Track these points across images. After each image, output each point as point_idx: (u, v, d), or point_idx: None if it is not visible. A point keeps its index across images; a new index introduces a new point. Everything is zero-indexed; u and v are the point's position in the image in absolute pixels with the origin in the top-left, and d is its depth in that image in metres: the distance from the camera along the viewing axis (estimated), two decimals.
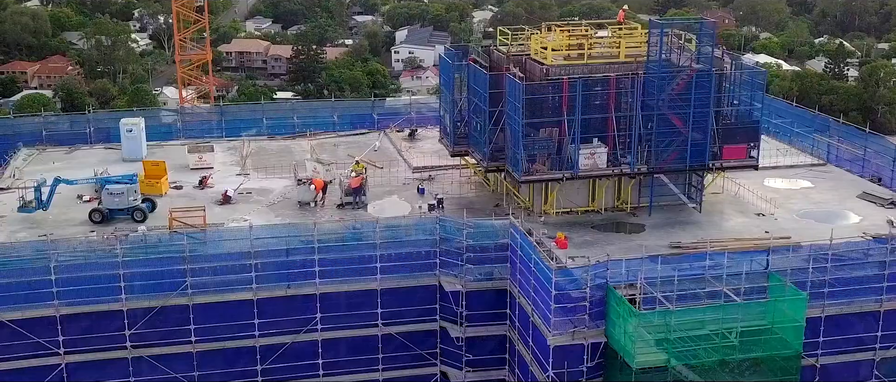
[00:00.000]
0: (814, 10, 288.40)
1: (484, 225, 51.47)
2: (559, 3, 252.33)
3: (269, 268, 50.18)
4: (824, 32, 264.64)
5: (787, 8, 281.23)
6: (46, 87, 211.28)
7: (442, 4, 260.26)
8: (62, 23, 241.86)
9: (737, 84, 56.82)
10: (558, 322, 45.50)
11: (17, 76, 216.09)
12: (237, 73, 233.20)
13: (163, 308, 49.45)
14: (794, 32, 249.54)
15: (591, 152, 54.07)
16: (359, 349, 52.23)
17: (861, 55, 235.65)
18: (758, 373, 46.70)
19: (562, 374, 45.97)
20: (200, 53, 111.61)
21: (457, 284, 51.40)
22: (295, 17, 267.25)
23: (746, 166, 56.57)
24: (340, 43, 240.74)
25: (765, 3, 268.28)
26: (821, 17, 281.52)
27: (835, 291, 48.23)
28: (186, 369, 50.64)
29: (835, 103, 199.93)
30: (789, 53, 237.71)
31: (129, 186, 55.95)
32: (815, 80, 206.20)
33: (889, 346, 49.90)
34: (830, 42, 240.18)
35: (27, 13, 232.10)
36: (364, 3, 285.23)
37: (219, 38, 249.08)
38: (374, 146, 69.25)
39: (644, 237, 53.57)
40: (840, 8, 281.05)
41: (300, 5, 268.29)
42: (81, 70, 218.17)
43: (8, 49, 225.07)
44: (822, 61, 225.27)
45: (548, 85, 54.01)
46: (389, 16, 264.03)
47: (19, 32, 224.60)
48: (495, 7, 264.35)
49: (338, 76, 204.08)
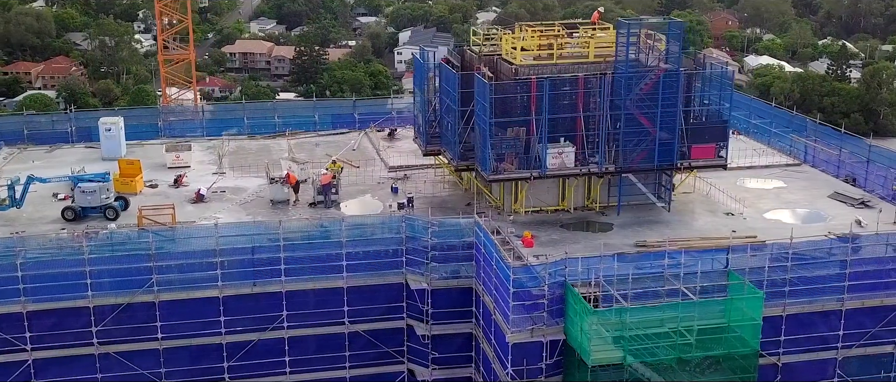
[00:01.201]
0: (819, 11, 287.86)
1: (449, 224, 51.78)
2: (563, 3, 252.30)
3: (235, 266, 50.51)
4: (829, 34, 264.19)
5: (792, 10, 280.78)
6: (50, 87, 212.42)
7: (445, 6, 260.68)
8: (66, 24, 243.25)
9: (707, 84, 56.98)
10: (517, 320, 45.77)
11: (21, 76, 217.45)
12: (241, 73, 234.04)
13: (129, 305, 49.88)
14: (797, 34, 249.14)
15: (558, 151, 54.26)
16: (326, 346, 52.54)
17: (864, 57, 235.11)
18: (718, 372, 46.84)
19: (521, 371, 46.18)
20: (183, 53, 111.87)
21: (422, 282, 51.68)
22: (299, 18, 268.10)
23: (715, 165, 56.68)
24: (344, 44, 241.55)
25: (769, 5, 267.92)
26: (826, 18, 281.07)
27: (796, 290, 48.32)
28: (153, 366, 51.03)
29: (836, 105, 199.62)
30: (792, 55, 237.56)
31: (102, 184, 56.43)
32: (817, 81, 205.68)
33: (851, 345, 49.97)
34: (833, 44, 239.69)
35: (31, 14, 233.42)
36: (368, 5, 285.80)
37: (222, 39, 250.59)
38: (352, 146, 69.61)
39: (611, 236, 53.80)
40: (845, 10, 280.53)
41: (304, 6, 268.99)
42: (85, 71, 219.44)
43: (12, 50, 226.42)
44: (826, 63, 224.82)
45: (515, 84, 54.24)
46: (393, 17, 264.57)
47: (23, 33, 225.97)
48: (499, 8, 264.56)
49: (340, 77, 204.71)
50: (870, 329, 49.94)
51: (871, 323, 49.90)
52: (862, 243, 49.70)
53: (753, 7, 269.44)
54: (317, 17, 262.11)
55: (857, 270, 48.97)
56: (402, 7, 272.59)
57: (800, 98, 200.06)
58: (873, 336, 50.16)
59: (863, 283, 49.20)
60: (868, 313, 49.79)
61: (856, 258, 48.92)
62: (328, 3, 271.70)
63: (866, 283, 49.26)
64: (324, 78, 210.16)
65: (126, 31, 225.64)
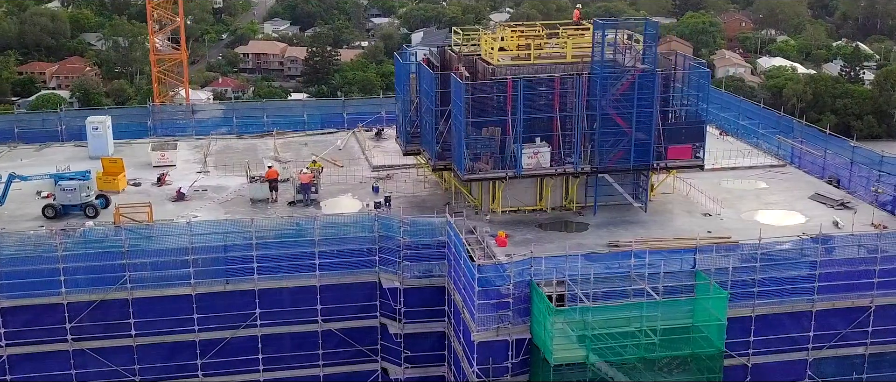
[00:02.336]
0: (835, 13, 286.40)
1: (421, 223, 51.97)
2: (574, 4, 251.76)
3: (208, 263, 50.86)
4: (845, 36, 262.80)
5: (808, 11, 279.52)
6: (64, 87, 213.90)
7: (458, 6, 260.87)
8: (81, 24, 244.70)
9: (686, 84, 56.96)
10: (483, 318, 45.93)
11: (36, 77, 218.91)
12: (253, 74, 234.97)
13: (103, 302, 50.28)
14: (811, 35, 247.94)
15: (534, 151, 54.37)
16: (299, 344, 52.81)
17: (879, 58, 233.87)
18: (685, 372, 46.91)
19: (487, 370, 46.33)
20: (175, 52, 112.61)
21: (395, 281, 51.90)
22: (312, 19, 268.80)
23: (692, 166, 56.65)
24: (356, 45, 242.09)
25: (784, 6, 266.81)
26: (842, 20, 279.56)
27: (765, 290, 48.28)
28: (127, 362, 51.47)
29: (849, 107, 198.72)
30: (806, 57, 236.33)
31: (82, 182, 56.92)
32: (830, 83, 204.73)
33: (822, 346, 49.87)
34: (847, 45, 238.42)
35: (47, 14, 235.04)
36: (381, 6, 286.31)
37: (236, 39, 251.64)
38: (338, 145, 69.95)
39: (585, 236, 53.90)
40: (862, 11, 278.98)
41: (318, 7, 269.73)
42: (99, 71, 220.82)
43: (27, 50, 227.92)
44: (839, 65, 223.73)
45: (491, 84, 54.38)
46: (406, 18, 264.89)
47: (38, 33, 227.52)
48: (512, 9, 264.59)
49: (351, 78, 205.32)
50: (841, 330, 49.80)
51: (842, 324, 49.82)
52: (833, 244, 49.55)
53: (768, 8, 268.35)
54: (330, 18, 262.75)
55: (828, 271, 48.86)
56: (415, 8, 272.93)
57: (812, 100, 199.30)
58: (844, 337, 50.03)
59: (834, 284, 49.07)
60: (839, 314, 49.71)
61: (826, 259, 48.77)
62: (342, 4, 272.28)
63: (837, 284, 49.13)
64: (335, 79, 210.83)
65: (140, 32, 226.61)
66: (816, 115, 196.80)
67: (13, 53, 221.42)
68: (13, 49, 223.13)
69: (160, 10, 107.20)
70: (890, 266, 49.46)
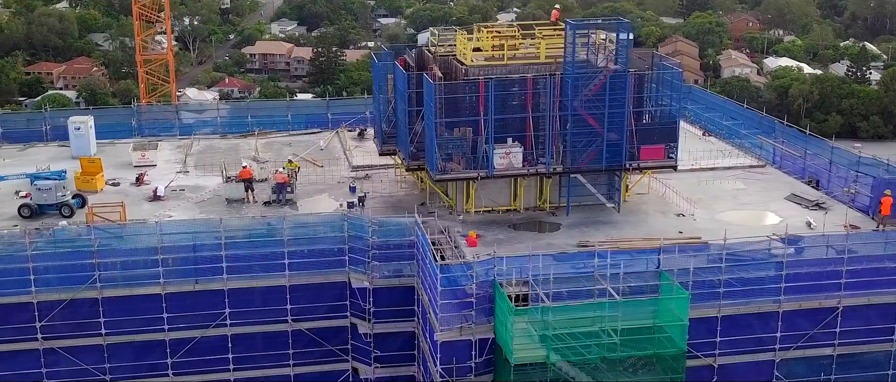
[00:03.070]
0: (844, 13, 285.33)
1: (390, 223, 52.09)
2: (581, 5, 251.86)
3: (178, 263, 51.06)
4: (854, 36, 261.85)
5: (817, 11, 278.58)
6: (71, 87, 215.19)
7: (465, 7, 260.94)
8: (89, 25, 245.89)
9: (660, 84, 56.94)
10: (446, 318, 45.99)
11: (43, 77, 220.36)
12: (260, 74, 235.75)
13: (73, 301, 50.53)
14: (818, 35, 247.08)
15: (506, 151, 54.42)
16: (269, 344, 52.95)
17: (887, 59, 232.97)
18: (651, 372, 46.89)
19: (450, 369, 46.41)
20: (162, 53, 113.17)
21: (364, 280, 52.00)
22: (320, 19, 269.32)
23: (665, 166, 56.63)
24: (362, 45, 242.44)
25: (792, 6, 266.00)
26: (851, 20, 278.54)
27: (731, 291, 48.19)
28: (97, 361, 51.67)
29: (855, 108, 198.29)
30: (813, 57, 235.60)
31: (58, 182, 57.31)
32: (836, 84, 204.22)
33: (789, 347, 49.77)
34: (855, 45, 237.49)
35: (54, 15, 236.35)
36: (388, 6, 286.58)
37: (243, 40, 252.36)
38: (320, 145, 70.14)
39: (556, 236, 53.93)
40: (871, 11, 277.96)
41: (325, 7, 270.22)
42: (106, 71, 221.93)
43: (35, 50, 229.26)
44: (846, 65, 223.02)
45: (463, 85, 54.48)
46: (413, 18, 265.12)
47: (46, 34, 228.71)
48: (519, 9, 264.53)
49: (357, 78, 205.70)
50: (808, 331, 49.67)
51: (809, 325, 49.65)
52: (800, 244, 49.46)
53: (776, 9, 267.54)
54: (337, 19, 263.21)
55: (794, 271, 48.73)
56: (422, 8, 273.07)
57: (818, 100, 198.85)
58: (812, 338, 49.89)
59: (801, 285, 48.93)
60: (806, 315, 49.53)
61: (792, 259, 48.67)
62: (349, 4, 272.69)
63: (805, 285, 48.98)
64: (340, 79, 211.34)
65: None
66: (822, 115, 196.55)
67: (21, 53, 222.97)
68: (21, 49, 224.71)
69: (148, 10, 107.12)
70: (858, 267, 49.27)
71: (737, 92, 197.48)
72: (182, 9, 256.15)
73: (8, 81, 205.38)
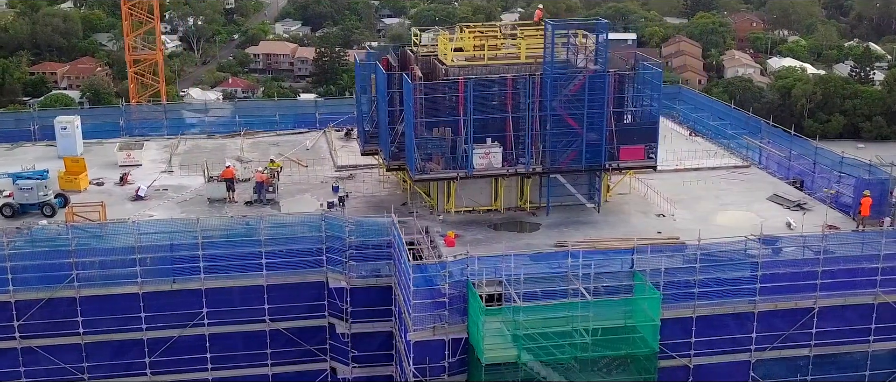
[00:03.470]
0: (850, 13, 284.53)
1: (367, 223, 52.14)
2: (585, 5, 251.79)
3: (156, 262, 51.17)
4: (860, 36, 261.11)
5: (822, 11, 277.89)
6: (75, 87, 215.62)
7: (469, 7, 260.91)
8: (93, 25, 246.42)
9: (642, 85, 56.89)
10: (419, 318, 46.03)
11: (47, 77, 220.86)
12: (264, 74, 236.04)
13: (51, 300, 50.66)
14: (822, 36, 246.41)
15: (485, 151, 54.46)
16: (247, 344, 53.01)
17: (891, 59, 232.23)
18: (625, 372, 46.94)
19: (423, 369, 46.46)
20: (151, 53, 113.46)
21: (342, 280, 52.04)
22: (324, 19, 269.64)
23: (645, 166, 56.62)
24: (366, 45, 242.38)
25: (798, 7, 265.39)
26: (856, 20, 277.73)
27: (706, 291, 48.14)
28: (75, 360, 51.77)
29: (858, 108, 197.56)
30: (817, 57, 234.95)
31: (40, 181, 57.49)
32: (839, 84, 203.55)
33: (765, 348, 49.68)
34: (859, 45, 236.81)
35: (59, 15, 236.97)
36: (392, 6, 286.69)
37: (247, 40, 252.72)
38: (306, 145, 70.26)
39: (535, 236, 53.96)
40: (877, 11, 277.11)
41: (329, 8, 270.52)
42: (110, 71, 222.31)
43: (39, 50, 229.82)
44: (850, 65, 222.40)
45: (443, 85, 54.54)
46: (417, 18, 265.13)
47: (50, 34, 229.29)
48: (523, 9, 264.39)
49: None
50: (783, 332, 49.58)
51: (784, 326, 49.56)
52: (776, 245, 49.38)
53: (781, 9, 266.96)
54: (341, 19, 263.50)
55: (770, 272, 48.66)
56: (426, 8, 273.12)
57: (821, 101, 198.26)
58: (788, 338, 49.80)
59: (777, 286, 48.86)
60: (782, 315, 49.44)
61: (767, 260, 48.60)
62: (353, 4, 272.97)
63: (780, 286, 48.90)
64: (343, 79, 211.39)
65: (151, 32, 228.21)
66: (825, 116, 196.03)
67: (25, 53, 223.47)
68: (25, 49, 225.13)
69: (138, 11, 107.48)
70: (834, 268, 49.18)
71: (739, 92, 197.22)
72: (186, 9, 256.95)
73: (12, 81, 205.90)
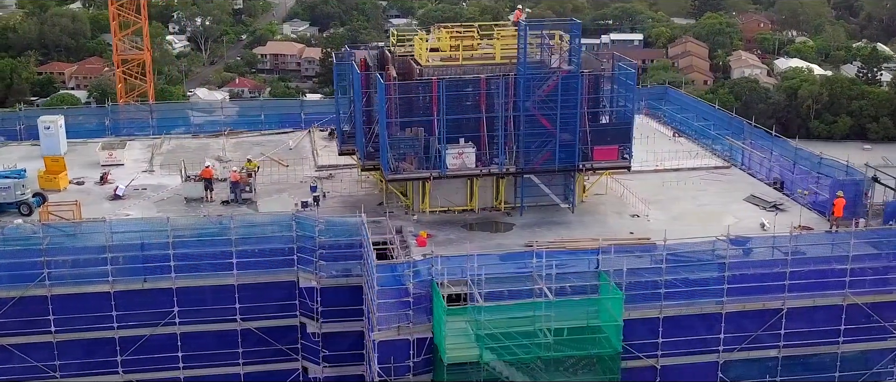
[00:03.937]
0: (860, 14, 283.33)
1: (337, 223, 52.22)
2: (593, 5, 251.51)
3: (127, 261, 51.35)
4: (869, 37, 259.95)
5: (831, 11, 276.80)
6: (83, 87, 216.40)
7: (477, 7, 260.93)
8: (102, 25, 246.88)
9: (616, 85, 56.88)
10: (383, 317, 46.13)
11: (55, 77, 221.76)
12: (271, 74, 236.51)
13: (22, 298, 50.88)
14: (830, 36, 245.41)
15: (458, 151, 54.49)
16: (219, 343, 53.12)
17: None
18: (591, 372, 46.89)
19: (388, 369, 46.55)
20: (139, 53, 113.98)
21: (312, 280, 52.15)
22: (331, 19, 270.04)
23: (619, 167, 56.55)
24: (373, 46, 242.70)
25: (807, 7, 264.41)
26: (866, 21, 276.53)
27: (674, 292, 48.06)
28: (47, 358, 51.98)
29: (865, 109, 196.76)
30: (825, 58, 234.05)
31: (17, 180, 57.80)
32: (846, 85, 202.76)
33: (733, 348, 49.58)
34: (867, 46, 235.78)
35: (67, 15, 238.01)
36: (400, 6, 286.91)
37: (254, 40, 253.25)
38: (288, 144, 70.45)
39: (508, 237, 53.97)
40: (887, 12, 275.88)
41: (337, 8, 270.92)
42: None
43: (47, 50, 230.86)
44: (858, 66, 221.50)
45: (416, 85, 54.63)
46: (424, 18, 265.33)
47: (58, 34, 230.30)
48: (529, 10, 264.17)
49: None
50: (752, 333, 49.47)
51: (753, 327, 49.46)
52: (745, 245, 49.26)
53: (790, 9, 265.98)
54: (349, 19, 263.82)
55: (738, 272, 48.56)
56: (433, 9, 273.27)
57: (828, 102, 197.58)
58: (756, 339, 49.69)
59: (744, 286, 48.75)
60: (750, 316, 49.35)
61: (735, 260, 48.48)
62: (361, 4, 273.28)
63: (748, 286, 48.80)
64: None
65: (158, 32, 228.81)
66: (832, 117, 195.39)
67: (33, 53, 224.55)
68: (33, 49, 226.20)
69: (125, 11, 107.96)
70: (802, 268, 49.04)
71: (745, 93, 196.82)
72: (194, 9, 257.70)
73: (20, 81, 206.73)
